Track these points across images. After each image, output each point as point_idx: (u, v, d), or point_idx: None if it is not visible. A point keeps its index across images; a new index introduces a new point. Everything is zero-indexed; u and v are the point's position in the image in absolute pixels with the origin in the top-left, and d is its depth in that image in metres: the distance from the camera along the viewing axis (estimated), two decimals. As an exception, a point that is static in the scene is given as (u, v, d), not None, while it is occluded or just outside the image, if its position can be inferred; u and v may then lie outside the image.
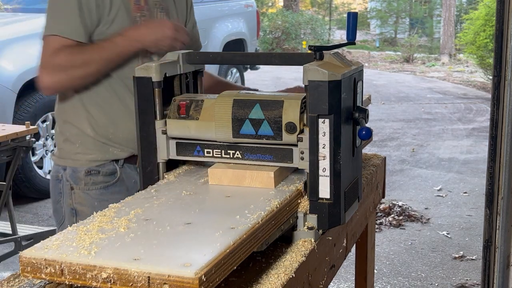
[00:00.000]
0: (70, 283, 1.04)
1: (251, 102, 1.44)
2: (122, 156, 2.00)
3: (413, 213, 4.85)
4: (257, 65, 8.72)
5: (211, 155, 1.51)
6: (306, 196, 1.43)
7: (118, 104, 1.97)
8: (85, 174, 1.97)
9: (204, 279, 0.97)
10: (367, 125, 1.46)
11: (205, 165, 1.62)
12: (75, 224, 1.20)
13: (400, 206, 4.95)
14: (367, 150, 4.01)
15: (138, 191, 1.45)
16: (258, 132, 1.43)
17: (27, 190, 5.16)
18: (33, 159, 5.17)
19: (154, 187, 1.45)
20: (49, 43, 1.93)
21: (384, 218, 4.73)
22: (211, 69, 8.27)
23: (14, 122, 4.90)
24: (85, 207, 1.97)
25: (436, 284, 3.70)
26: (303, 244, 1.39)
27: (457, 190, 5.49)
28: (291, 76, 11.94)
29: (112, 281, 1.00)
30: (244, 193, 1.39)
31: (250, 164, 1.47)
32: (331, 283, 1.80)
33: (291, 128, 1.40)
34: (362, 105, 1.51)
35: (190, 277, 0.96)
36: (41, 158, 5.28)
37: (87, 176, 1.97)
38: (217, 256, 1.03)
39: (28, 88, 5.10)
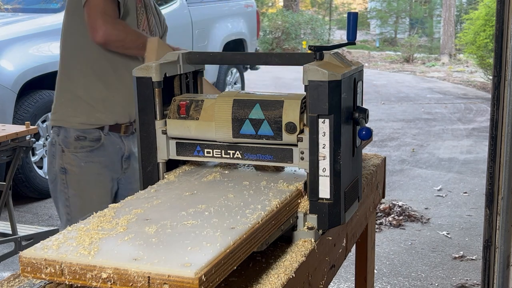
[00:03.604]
0: (70, 283, 1.04)
1: (251, 102, 1.44)
2: (106, 122, 2.38)
3: (413, 213, 4.85)
4: (257, 65, 8.72)
5: (211, 155, 1.51)
6: (306, 196, 1.43)
7: (112, 73, 2.34)
8: (75, 139, 2.36)
9: (204, 279, 0.97)
10: (367, 125, 1.46)
11: (205, 165, 1.62)
12: (75, 224, 1.20)
13: (400, 206, 4.95)
14: (367, 150, 4.00)
15: (138, 191, 1.46)
16: (258, 132, 1.43)
17: (27, 190, 5.16)
18: (33, 159, 5.18)
19: (154, 187, 1.45)
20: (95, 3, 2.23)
21: (384, 218, 4.73)
22: (212, 69, 8.26)
23: (14, 122, 4.90)
24: (74, 167, 2.36)
25: (436, 284, 3.70)
26: (303, 244, 1.39)
27: (457, 190, 5.49)
28: (291, 76, 11.94)
29: (112, 281, 1.00)
30: (244, 193, 1.39)
31: (250, 164, 1.47)
32: (331, 283, 1.81)
33: (291, 128, 1.40)
34: (362, 104, 1.51)
35: (190, 277, 0.96)
36: (41, 158, 5.28)
37: (76, 141, 2.36)
38: (217, 256, 1.03)
39: (28, 88, 5.10)
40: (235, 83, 8.33)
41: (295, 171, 1.55)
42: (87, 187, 2.40)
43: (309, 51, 1.47)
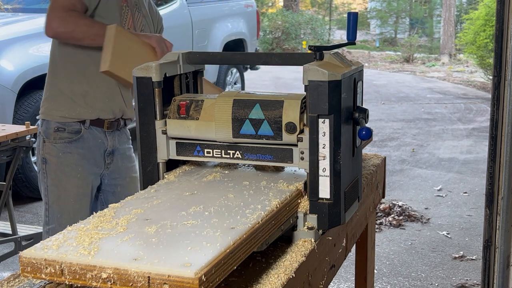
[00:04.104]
0: (70, 283, 1.04)
1: (251, 102, 1.44)
2: (87, 117, 2.41)
3: (413, 213, 4.85)
4: (257, 65, 8.72)
5: (211, 155, 1.51)
6: (306, 196, 1.43)
7: (93, 69, 2.33)
8: (54, 130, 2.41)
9: (204, 279, 0.97)
10: (367, 125, 1.46)
11: (205, 165, 1.62)
12: (75, 224, 1.20)
13: (400, 206, 4.95)
14: (367, 150, 3.99)
15: (139, 191, 1.46)
16: (258, 132, 1.43)
17: (27, 190, 5.16)
18: (33, 159, 5.17)
19: (154, 187, 1.45)
20: None
21: (384, 218, 4.73)
22: (212, 69, 8.25)
23: (14, 122, 4.90)
24: (52, 157, 2.41)
25: (436, 284, 3.69)
26: (303, 244, 1.39)
27: (457, 190, 5.49)
28: (291, 76, 11.94)
29: (112, 281, 1.00)
30: (244, 193, 1.39)
31: (250, 164, 1.47)
32: (331, 283, 1.81)
33: (291, 128, 1.40)
34: (361, 104, 1.51)
35: (190, 277, 0.96)
36: (41, 158, 5.27)
37: (55, 132, 2.41)
38: (217, 256, 1.03)
39: (28, 88, 5.10)
40: (235, 83, 8.33)
41: (295, 171, 1.55)
42: (64, 177, 2.41)
43: (309, 51, 1.47)
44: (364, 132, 1.44)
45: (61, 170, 2.41)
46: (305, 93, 1.39)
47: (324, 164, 1.38)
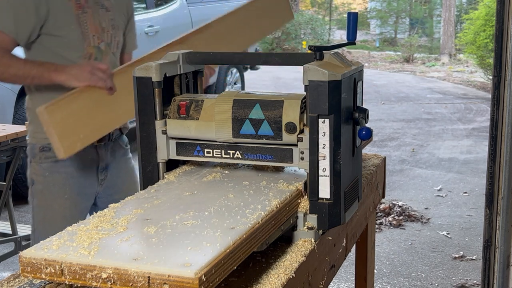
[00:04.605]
0: (70, 283, 1.04)
1: (251, 102, 1.44)
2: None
3: (413, 213, 4.85)
4: (257, 65, 8.71)
5: (211, 155, 1.51)
6: (306, 196, 1.43)
7: (64, 88, 2.11)
8: (39, 150, 2.27)
9: (204, 279, 0.97)
10: (367, 125, 1.46)
11: (205, 165, 1.62)
12: (75, 224, 1.20)
13: (400, 206, 4.95)
14: (367, 150, 4.00)
15: (139, 191, 1.45)
16: (258, 132, 1.43)
17: (27, 190, 5.15)
18: (33, 159, 5.17)
19: (154, 187, 1.45)
20: None
21: (384, 218, 4.73)
22: (211, 69, 8.11)
23: (14, 122, 4.89)
24: (39, 177, 2.29)
25: (436, 284, 3.69)
26: (303, 244, 1.39)
27: (457, 190, 5.49)
28: (291, 76, 11.94)
29: (112, 281, 1.00)
30: (244, 193, 1.39)
31: (250, 164, 1.47)
32: (331, 283, 1.81)
33: (291, 128, 1.40)
34: (361, 104, 1.51)
35: (190, 277, 0.96)
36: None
37: (41, 152, 2.27)
38: (217, 256, 1.03)
39: (28, 88, 5.10)
40: (235, 83, 8.33)
41: (295, 171, 1.55)
42: (50, 197, 2.28)
43: (309, 51, 1.47)
44: (364, 132, 1.44)
45: (48, 190, 2.28)
46: (305, 93, 1.39)
47: (324, 164, 1.38)
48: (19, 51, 2.22)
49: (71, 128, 1.99)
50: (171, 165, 1.57)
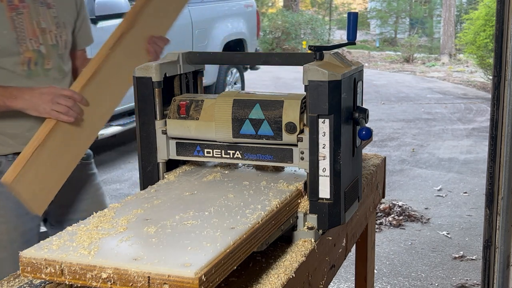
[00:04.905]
0: (70, 283, 1.04)
1: (251, 102, 1.44)
2: (3, 152, 2.01)
3: (413, 213, 4.85)
4: (257, 65, 8.72)
5: (211, 155, 1.51)
6: (306, 196, 1.43)
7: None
8: None
9: (204, 279, 0.97)
10: (367, 125, 1.46)
11: (205, 165, 1.62)
12: (75, 224, 1.20)
13: (400, 206, 4.94)
14: (367, 150, 3.99)
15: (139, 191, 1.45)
16: (258, 132, 1.43)
17: None
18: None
19: (154, 187, 1.45)
20: None
21: (384, 218, 4.73)
22: (212, 69, 8.20)
23: (14, 122, 4.89)
24: None
25: (436, 284, 3.69)
26: (303, 244, 1.39)
27: (457, 190, 5.49)
28: (291, 76, 11.94)
29: (112, 281, 1.00)
30: (244, 193, 1.39)
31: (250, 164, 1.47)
32: (331, 283, 1.81)
33: (291, 128, 1.40)
34: (361, 104, 1.51)
35: (190, 277, 0.96)
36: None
37: None
38: (217, 256, 1.03)
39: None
40: (235, 83, 8.33)
41: (295, 171, 1.55)
42: None
43: (309, 51, 1.47)
44: (364, 132, 1.44)
45: None
46: (305, 93, 1.39)
47: (324, 164, 1.38)
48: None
49: (41, 186, 1.89)
50: (171, 165, 1.57)
